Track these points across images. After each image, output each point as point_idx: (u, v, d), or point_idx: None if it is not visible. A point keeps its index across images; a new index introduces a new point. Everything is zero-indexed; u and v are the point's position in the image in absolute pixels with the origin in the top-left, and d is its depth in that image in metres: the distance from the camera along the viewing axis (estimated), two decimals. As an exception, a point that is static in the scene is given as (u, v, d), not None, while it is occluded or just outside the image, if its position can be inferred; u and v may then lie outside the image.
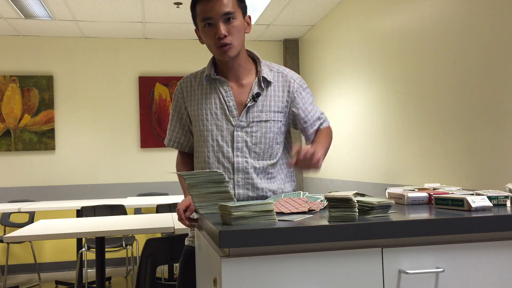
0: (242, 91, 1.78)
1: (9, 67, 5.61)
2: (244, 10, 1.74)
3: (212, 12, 1.66)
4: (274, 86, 1.79)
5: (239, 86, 1.78)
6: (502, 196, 1.49)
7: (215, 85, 1.79)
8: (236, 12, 1.69)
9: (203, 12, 1.68)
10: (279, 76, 1.82)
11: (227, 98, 1.76)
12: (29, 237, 2.86)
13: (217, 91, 1.78)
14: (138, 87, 5.86)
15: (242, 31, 1.73)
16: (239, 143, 1.74)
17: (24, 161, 5.59)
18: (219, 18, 1.66)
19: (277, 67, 1.85)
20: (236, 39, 1.70)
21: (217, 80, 1.79)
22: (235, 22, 1.69)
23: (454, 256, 1.28)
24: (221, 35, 1.66)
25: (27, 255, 5.48)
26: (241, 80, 1.78)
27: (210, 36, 1.70)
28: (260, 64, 1.80)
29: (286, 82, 1.81)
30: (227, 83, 1.78)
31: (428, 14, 3.22)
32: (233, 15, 1.68)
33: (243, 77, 1.79)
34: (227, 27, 1.67)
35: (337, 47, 4.83)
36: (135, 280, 3.81)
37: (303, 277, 1.20)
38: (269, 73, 1.79)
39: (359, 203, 1.31)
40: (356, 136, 4.41)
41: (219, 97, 1.77)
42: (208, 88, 1.80)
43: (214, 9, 1.66)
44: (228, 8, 1.67)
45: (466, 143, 2.86)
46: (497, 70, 2.60)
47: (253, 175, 1.74)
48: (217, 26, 1.67)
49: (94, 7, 4.70)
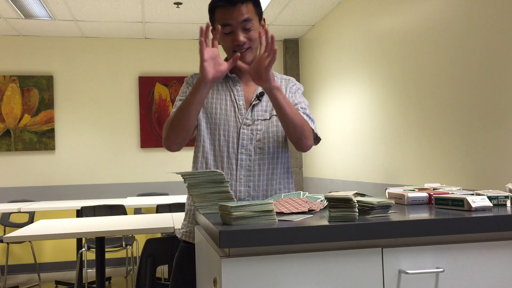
0: (249, 90, 1.85)
1: (9, 67, 5.61)
2: (260, 16, 1.81)
3: (232, 18, 1.72)
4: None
5: (247, 85, 1.86)
6: (502, 196, 1.49)
7: (228, 83, 1.85)
8: (254, 19, 1.75)
9: (223, 18, 1.73)
10: (282, 81, 1.91)
11: (237, 97, 1.82)
12: (29, 237, 2.85)
13: (229, 89, 1.84)
14: (138, 87, 5.86)
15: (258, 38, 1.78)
16: (244, 140, 1.78)
17: (24, 161, 5.59)
18: (238, 25, 1.72)
19: (280, 75, 1.93)
20: (254, 43, 1.77)
21: (230, 78, 1.85)
22: (253, 29, 1.75)
23: (454, 256, 1.28)
24: (240, 42, 1.73)
25: (27, 255, 5.48)
26: (248, 80, 1.85)
27: (228, 42, 1.76)
28: None
29: (288, 84, 1.90)
30: (239, 82, 1.84)
31: (428, 14, 3.22)
32: (251, 22, 1.74)
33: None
34: (245, 34, 1.74)
35: (337, 47, 4.83)
36: (135, 280, 3.81)
37: (303, 277, 1.20)
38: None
39: (359, 203, 1.31)
40: (356, 136, 4.41)
41: (230, 95, 1.83)
42: (220, 85, 1.85)
43: (234, 15, 1.71)
44: (247, 15, 1.72)
45: (466, 143, 2.86)
46: (497, 70, 2.60)
47: (255, 172, 1.78)
48: (236, 33, 1.73)
49: (94, 7, 4.70)
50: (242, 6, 1.72)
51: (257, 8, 1.78)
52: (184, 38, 5.91)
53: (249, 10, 1.74)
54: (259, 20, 1.80)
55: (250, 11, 1.74)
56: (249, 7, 1.74)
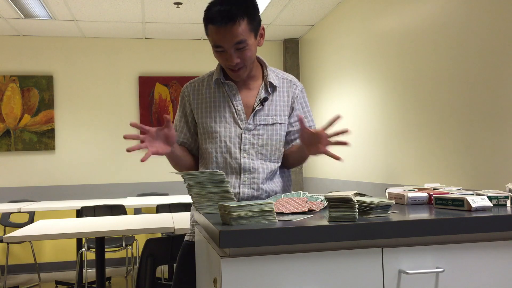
0: (249, 94, 1.82)
1: (9, 67, 5.61)
2: (256, 30, 1.70)
3: (223, 41, 1.64)
4: (280, 92, 1.85)
5: (246, 90, 1.83)
6: (502, 196, 1.49)
7: (224, 89, 1.82)
8: (248, 38, 1.66)
9: (214, 39, 1.66)
10: (284, 82, 1.88)
11: (235, 102, 1.80)
12: (29, 237, 2.86)
13: (225, 95, 1.82)
14: (138, 87, 5.86)
15: (254, 52, 1.73)
16: (246, 145, 1.78)
17: (24, 161, 5.59)
18: (230, 47, 1.65)
19: (282, 73, 1.90)
20: (248, 61, 1.71)
21: (225, 84, 1.82)
22: (247, 49, 1.67)
23: (454, 256, 1.28)
24: (233, 63, 1.68)
25: (27, 255, 5.48)
26: (248, 85, 1.83)
27: (222, 59, 1.71)
28: (266, 69, 1.85)
29: (290, 88, 1.88)
30: (235, 88, 1.81)
31: (427, 14, 3.22)
32: (245, 43, 1.65)
33: (251, 81, 1.84)
34: (239, 53, 1.67)
35: (337, 47, 4.83)
36: (135, 280, 3.81)
37: (303, 277, 1.20)
38: (275, 78, 1.85)
39: (359, 203, 1.31)
40: (356, 136, 4.41)
41: (228, 101, 1.81)
42: (216, 92, 1.83)
43: (226, 38, 1.63)
44: (240, 37, 1.63)
45: (466, 143, 2.86)
46: (497, 70, 2.60)
47: (259, 175, 1.78)
48: (229, 54, 1.66)
49: (94, 7, 4.70)
50: (234, 26, 1.60)
51: (252, 23, 1.66)
52: (184, 38, 5.91)
53: (243, 30, 1.62)
54: (255, 34, 1.70)
55: (244, 30, 1.63)
56: (242, 26, 1.62)
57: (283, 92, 1.85)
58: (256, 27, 1.70)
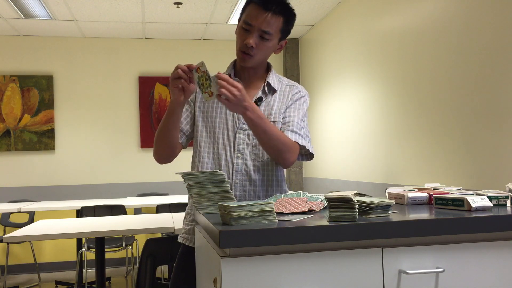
0: (250, 94, 1.82)
1: (9, 67, 5.61)
2: (283, 36, 1.79)
3: (256, 21, 1.71)
4: (280, 95, 1.85)
5: (248, 89, 1.83)
6: (502, 196, 1.49)
7: None
8: (274, 34, 1.74)
9: (250, 16, 1.73)
10: (287, 87, 1.88)
11: None
12: (29, 237, 2.85)
13: None
14: (138, 87, 5.86)
15: (270, 51, 1.79)
16: (240, 145, 1.79)
17: (24, 161, 5.59)
18: (257, 30, 1.72)
19: (287, 81, 1.91)
20: (260, 54, 1.76)
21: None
22: (267, 42, 1.74)
23: (454, 256, 1.28)
24: (249, 44, 1.72)
25: (27, 255, 5.48)
26: (251, 84, 1.85)
27: (241, 38, 1.76)
28: (270, 72, 1.87)
29: (291, 91, 1.87)
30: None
31: (428, 14, 3.22)
32: (269, 36, 1.73)
33: (255, 82, 1.86)
34: (258, 41, 1.73)
35: (337, 47, 4.83)
36: (135, 280, 3.81)
37: (303, 277, 1.20)
38: (276, 82, 1.86)
39: (359, 203, 1.31)
40: (356, 136, 4.41)
41: None
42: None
43: (259, 20, 1.71)
44: (268, 28, 1.71)
45: (466, 143, 2.86)
46: (497, 70, 2.60)
47: (251, 177, 1.77)
48: (252, 34, 1.72)
49: (94, 7, 4.70)
50: (273, 17, 1.71)
51: (284, 27, 1.76)
52: (184, 38, 5.91)
53: (276, 25, 1.72)
54: (281, 37, 1.78)
55: (276, 26, 1.73)
56: (278, 22, 1.72)
57: (283, 96, 1.85)
58: (284, 34, 1.79)
